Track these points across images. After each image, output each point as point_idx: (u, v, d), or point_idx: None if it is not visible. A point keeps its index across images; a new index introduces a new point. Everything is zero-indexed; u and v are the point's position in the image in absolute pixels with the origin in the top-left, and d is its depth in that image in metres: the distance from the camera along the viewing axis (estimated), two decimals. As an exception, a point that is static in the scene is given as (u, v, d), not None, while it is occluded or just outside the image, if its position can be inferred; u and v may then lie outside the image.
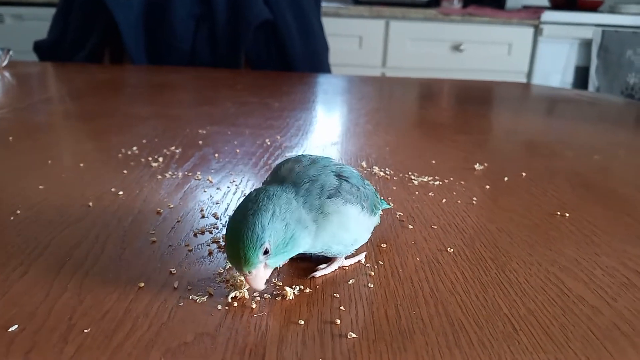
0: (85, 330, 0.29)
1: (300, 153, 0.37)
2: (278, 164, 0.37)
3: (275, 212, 0.31)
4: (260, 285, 0.31)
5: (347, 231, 0.35)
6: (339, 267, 0.37)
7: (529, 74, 2.18)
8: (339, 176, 0.35)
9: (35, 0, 2.05)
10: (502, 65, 2.15)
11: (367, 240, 0.39)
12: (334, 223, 0.34)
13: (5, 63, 1.16)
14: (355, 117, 0.87)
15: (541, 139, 0.79)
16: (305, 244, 0.33)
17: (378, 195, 0.40)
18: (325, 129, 0.81)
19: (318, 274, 0.36)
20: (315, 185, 0.34)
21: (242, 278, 0.33)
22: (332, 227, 0.34)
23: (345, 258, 0.38)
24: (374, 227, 0.40)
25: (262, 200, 0.31)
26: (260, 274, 0.31)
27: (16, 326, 0.29)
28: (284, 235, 0.31)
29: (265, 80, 1.22)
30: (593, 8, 2.26)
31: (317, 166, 0.35)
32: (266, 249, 0.30)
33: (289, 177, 0.35)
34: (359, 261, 0.38)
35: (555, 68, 2.18)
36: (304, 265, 0.38)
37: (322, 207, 0.34)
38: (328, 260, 0.37)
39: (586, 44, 2.15)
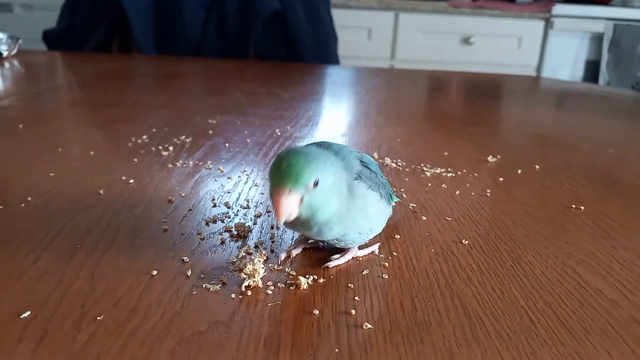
0: (98, 318, 0.29)
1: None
2: (311, 143, 0.36)
3: (334, 162, 0.32)
4: (288, 212, 0.30)
5: (366, 217, 0.35)
6: (353, 257, 0.37)
7: (539, 68, 2.16)
8: (361, 162, 0.35)
9: (43, -10, 2.04)
10: (512, 58, 2.13)
11: (381, 230, 0.38)
12: (359, 206, 0.34)
13: (14, 52, 1.16)
14: (365, 109, 0.86)
15: (553, 131, 0.78)
16: (335, 209, 0.32)
17: (390, 188, 0.40)
18: (335, 120, 0.80)
19: (332, 264, 0.35)
20: (348, 166, 0.34)
21: (256, 267, 0.33)
22: (355, 210, 0.34)
23: (359, 248, 0.37)
24: (388, 218, 0.40)
25: (323, 149, 0.32)
26: (294, 202, 0.30)
27: (29, 313, 0.29)
28: (331, 185, 0.31)
29: (274, 71, 1.22)
30: (605, 1, 2.23)
31: (345, 149, 0.35)
32: (316, 181, 0.30)
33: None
34: (372, 252, 0.38)
35: (565, 62, 2.16)
36: (318, 255, 0.37)
37: (351, 187, 0.33)
38: (341, 250, 0.37)
39: (597, 38, 2.13)
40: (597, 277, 0.36)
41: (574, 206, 0.48)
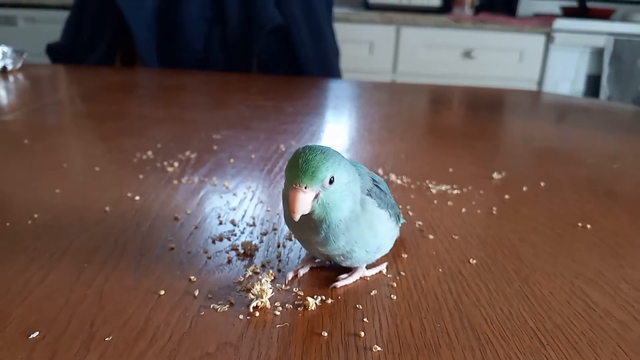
0: (106, 339, 0.29)
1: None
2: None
3: (348, 165, 0.32)
4: (301, 207, 0.30)
5: (374, 234, 0.34)
6: (361, 277, 0.37)
7: (540, 82, 2.17)
8: (372, 180, 0.35)
9: (48, 3, 2.05)
10: (513, 72, 2.14)
11: (388, 250, 0.38)
12: (367, 222, 0.34)
13: (19, 65, 1.17)
14: (368, 123, 0.87)
15: (557, 146, 0.79)
16: (343, 219, 0.32)
17: (397, 208, 0.40)
18: (339, 135, 0.80)
19: (339, 284, 0.35)
20: (362, 180, 0.34)
21: (263, 287, 0.33)
22: (364, 225, 0.33)
23: (367, 268, 0.37)
24: (395, 239, 0.40)
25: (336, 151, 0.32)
26: (309, 197, 0.30)
27: (37, 333, 0.29)
28: (346, 184, 0.32)
29: (277, 84, 1.22)
30: (605, 16, 2.24)
31: (358, 166, 0.36)
32: (332, 178, 0.30)
33: None
34: (380, 271, 0.38)
35: (566, 76, 2.17)
36: (325, 275, 0.37)
37: (363, 201, 0.33)
38: (349, 270, 0.37)
39: (598, 53, 2.14)
40: (606, 298, 0.36)
41: (580, 224, 0.48)
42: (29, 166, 0.57)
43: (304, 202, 0.30)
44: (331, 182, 0.31)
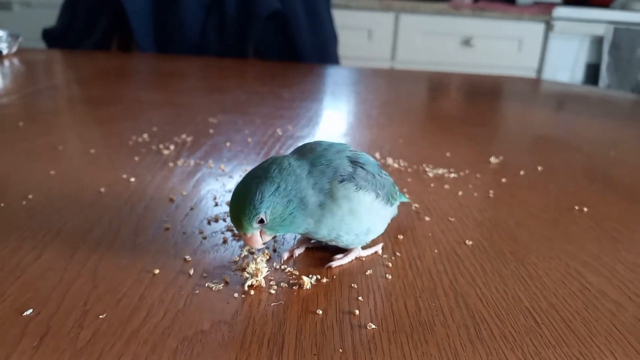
0: (100, 316, 0.29)
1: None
2: (300, 145, 0.37)
3: (280, 187, 0.31)
4: (255, 245, 0.32)
5: (358, 219, 0.34)
6: (356, 257, 0.36)
7: (539, 70, 2.17)
8: (354, 162, 0.35)
9: (43, -12, 2.04)
10: (512, 60, 2.13)
11: (383, 231, 0.38)
12: (344, 209, 0.33)
13: (14, 49, 1.16)
14: (367, 109, 0.86)
15: (555, 133, 0.78)
16: (306, 225, 0.33)
17: (396, 187, 0.39)
18: (337, 120, 0.80)
19: (334, 264, 0.35)
20: (330, 168, 0.34)
21: (259, 266, 0.33)
22: (341, 212, 0.33)
23: (362, 249, 0.37)
24: (392, 219, 0.39)
25: (271, 171, 0.32)
26: (255, 238, 0.32)
27: (31, 310, 0.29)
28: (282, 210, 0.31)
29: (274, 70, 1.21)
30: (605, 4, 2.23)
31: (333, 149, 0.35)
32: (261, 218, 0.31)
33: (307, 156, 0.34)
34: (375, 252, 0.38)
35: (565, 64, 2.16)
36: (321, 255, 0.37)
37: (332, 190, 0.33)
38: (345, 250, 0.37)
39: (597, 41, 2.13)
40: (601, 279, 0.36)
41: (577, 207, 0.48)
42: (23, 148, 0.56)
43: (254, 242, 0.32)
44: (262, 221, 0.31)
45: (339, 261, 0.36)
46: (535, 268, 0.37)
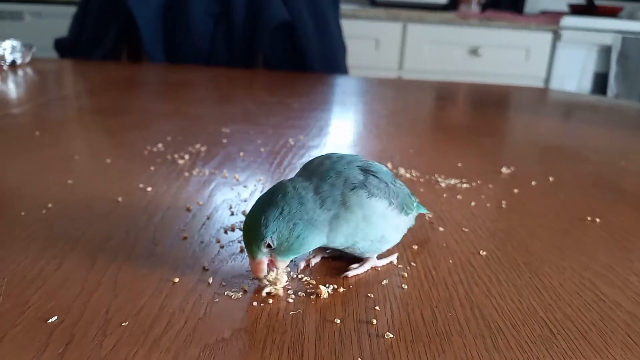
0: (122, 324, 0.29)
1: (324, 153, 0.37)
2: (310, 160, 0.37)
3: (284, 212, 0.32)
4: (258, 273, 0.33)
5: (371, 225, 0.35)
6: (372, 267, 0.37)
7: (547, 80, 2.17)
8: (366, 171, 0.35)
9: (54, -2, 2.07)
10: (520, 69, 2.14)
11: (398, 240, 0.38)
12: (358, 215, 0.34)
13: (28, 59, 1.17)
14: (376, 119, 0.87)
15: (565, 143, 0.79)
16: (318, 242, 0.34)
17: (414, 198, 0.40)
18: (347, 129, 0.81)
19: (350, 273, 0.36)
20: (340, 179, 0.34)
21: (278, 275, 0.33)
22: (355, 219, 0.34)
23: (378, 258, 0.37)
24: (408, 229, 0.40)
25: (275, 197, 0.33)
26: (261, 266, 0.33)
27: (55, 317, 0.30)
28: (288, 234, 0.32)
29: (283, 80, 1.22)
30: (612, 14, 2.24)
31: (344, 161, 0.36)
32: (268, 243, 0.32)
33: (317, 171, 0.35)
34: (390, 262, 0.38)
35: (573, 74, 2.16)
36: (337, 264, 0.37)
37: (344, 200, 0.34)
38: (360, 260, 0.37)
39: (605, 50, 2.13)
40: (615, 290, 0.36)
41: (589, 218, 0.48)
42: (40, 158, 0.57)
43: (258, 269, 0.33)
44: (270, 245, 0.32)
45: (355, 271, 0.36)
46: (550, 279, 0.37)
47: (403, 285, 0.35)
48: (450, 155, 0.66)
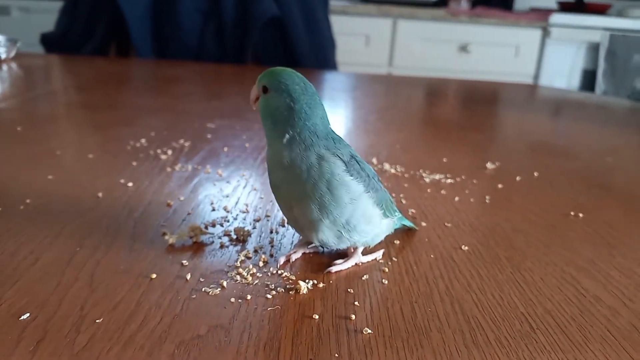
0: (97, 321, 0.29)
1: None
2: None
3: (295, 96, 0.34)
4: (251, 99, 0.36)
5: (335, 199, 0.33)
6: (356, 263, 0.37)
7: (536, 76, 2.17)
8: (353, 156, 0.35)
9: (42, -7, 2.04)
10: (509, 66, 2.14)
11: (372, 237, 0.37)
12: (323, 178, 0.33)
13: (12, 54, 1.16)
14: (364, 114, 0.86)
15: (551, 139, 0.79)
16: (268, 130, 0.35)
17: (394, 204, 0.39)
18: (334, 125, 0.80)
19: (334, 268, 0.35)
20: (331, 143, 0.34)
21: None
22: (317, 178, 0.33)
23: (362, 254, 0.37)
24: (385, 235, 0.39)
25: (310, 87, 0.35)
26: (253, 92, 0.36)
27: (28, 314, 0.29)
28: (271, 106, 0.34)
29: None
30: (601, 11, 2.25)
31: (344, 142, 0.36)
32: (265, 87, 0.34)
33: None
34: (375, 259, 0.38)
35: (562, 71, 2.17)
36: (318, 260, 0.37)
37: (320, 156, 0.33)
38: (344, 255, 0.37)
39: (594, 48, 2.14)
40: (597, 285, 0.36)
41: (572, 213, 0.48)
42: (22, 153, 0.56)
43: (252, 94, 0.36)
44: (264, 91, 0.34)
45: (339, 266, 0.36)
46: (531, 274, 0.37)
47: (383, 280, 0.35)
48: (437, 151, 0.66)
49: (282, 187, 0.35)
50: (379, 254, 0.38)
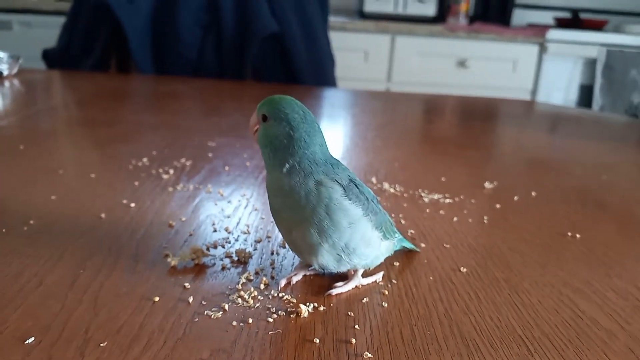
0: (101, 344, 0.29)
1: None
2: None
3: (301, 122, 0.35)
4: (250, 128, 0.37)
5: (334, 224, 0.34)
6: (356, 285, 0.37)
7: (534, 92, 2.19)
8: (351, 180, 0.35)
9: (43, 8, 2.06)
10: (507, 82, 2.16)
11: (371, 260, 0.37)
12: (322, 202, 0.34)
13: (15, 71, 1.17)
14: (363, 132, 0.87)
15: (549, 156, 0.80)
16: (267, 159, 0.36)
17: (394, 226, 0.39)
18: (333, 143, 0.81)
19: (335, 291, 0.36)
20: (329, 168, 0.35)
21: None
22: (316, 203, 0.34)
23: (363, 276, 0.38)
24: (385, 257, 0.39)
25: (310, 115, 0.35)
26: (252, 120, 0.37)
27: (32, 338, 0.29)
28: (272, 135, 0.35)
29: (271, 92, 1.22)
30: (598, 27, 2.27)
31: (341, 165, 0.36)
32: (265, 116, 0.35)
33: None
34: (375, 281, 0.38)
35: (559, 86, 2.19)
36: (318, 282, 0.38)
37: (319, 182, 0.34)
38: (345, 278, 0.37)
39: (591, 63, 2.16)
40: (593, 306, 0.36)
41: (569, 233, 0.49)
42: (24, 172, 0.57)
43: (251, 123, 0.37)
44: (264, 120, 0.35)
45: (339, 289, 0.36)
46: (529, 295, 0.37)
47: (383, 303, 0.35)
48: (435, 169, 0.67)
49: (282, 212, 0.35)
50: (379, 276, 0.38)
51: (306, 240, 0.35)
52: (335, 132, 0.89)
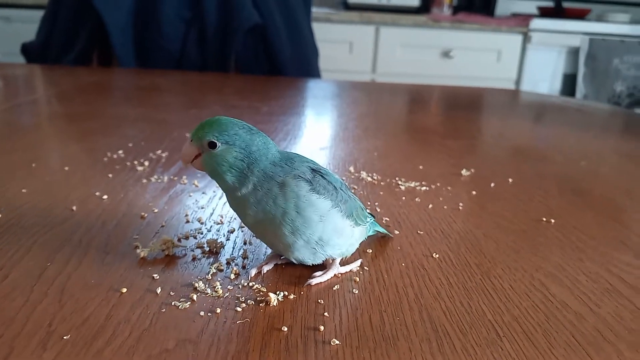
0: (64, 337, 0.29)
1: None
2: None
3: (247, 138, 0.34)
4: (182, 157, 0.35)
5: (306, 221, 0.34)
6: (335, 274, 0.37)
7: (518, 81, 2.20)
8: (315, 171, 0.35)
9: (22, 2, 2.03)
10: (491, 72, 2.17)
11: (346, 248, 0.37)
12: (290, 204, 0.34)
13: (-9, 65, 1.15)
14: (344, 122, 0.87)
15: (529, 144, 0.80)
16: (230, 183, 0.34)
17: (366, 212, 0.39)
18: (314, 133, 0.81)
19: (314, 281, 0.35)
20: (289, 169, 0.34)
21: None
22: (285, 207, 0.34)
23: (340, 265, 0.37)
24: (360, 243, 0.39)
25: (252, 128, 0.35)
26: (188, 151, 0.35)
27: (-6, 332, 0.29)
28: (228, 158, 0.33)
29: (254, 85, 1.22)
30: (581, 16, 2.28)
31: (298, 158, 0.36)
32: (212, 142, 0.33)
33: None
34: (352, 269, 0.38)
35: (543, 75, 2.20)
36: (290, 271, 0.37)
37: (283, 183, 0.34)
38: (322, 267, 0.37)
39: (574, 52, 2.17)
40: (564, 290, 0.37)
41: (544, 219, 0.49)
42: (-4, 166, 0.56)
43: (186, 154, 0.35)
44: (212, 147, 0.33)
45: (318, 278, 0.36)
46: (500, 280, 0.37)
47: (354, 290, 0.35)
48: (414, 158, 0.67)
49: (255, 225, 0.36)
50: (356, 265, 0.38)
51: (281, 240, 0.35)
52: (316, 122, 0.89)
